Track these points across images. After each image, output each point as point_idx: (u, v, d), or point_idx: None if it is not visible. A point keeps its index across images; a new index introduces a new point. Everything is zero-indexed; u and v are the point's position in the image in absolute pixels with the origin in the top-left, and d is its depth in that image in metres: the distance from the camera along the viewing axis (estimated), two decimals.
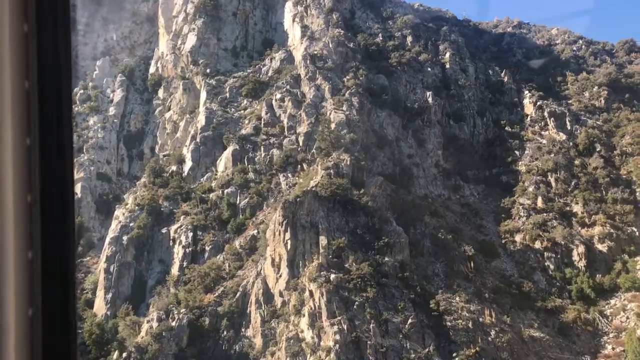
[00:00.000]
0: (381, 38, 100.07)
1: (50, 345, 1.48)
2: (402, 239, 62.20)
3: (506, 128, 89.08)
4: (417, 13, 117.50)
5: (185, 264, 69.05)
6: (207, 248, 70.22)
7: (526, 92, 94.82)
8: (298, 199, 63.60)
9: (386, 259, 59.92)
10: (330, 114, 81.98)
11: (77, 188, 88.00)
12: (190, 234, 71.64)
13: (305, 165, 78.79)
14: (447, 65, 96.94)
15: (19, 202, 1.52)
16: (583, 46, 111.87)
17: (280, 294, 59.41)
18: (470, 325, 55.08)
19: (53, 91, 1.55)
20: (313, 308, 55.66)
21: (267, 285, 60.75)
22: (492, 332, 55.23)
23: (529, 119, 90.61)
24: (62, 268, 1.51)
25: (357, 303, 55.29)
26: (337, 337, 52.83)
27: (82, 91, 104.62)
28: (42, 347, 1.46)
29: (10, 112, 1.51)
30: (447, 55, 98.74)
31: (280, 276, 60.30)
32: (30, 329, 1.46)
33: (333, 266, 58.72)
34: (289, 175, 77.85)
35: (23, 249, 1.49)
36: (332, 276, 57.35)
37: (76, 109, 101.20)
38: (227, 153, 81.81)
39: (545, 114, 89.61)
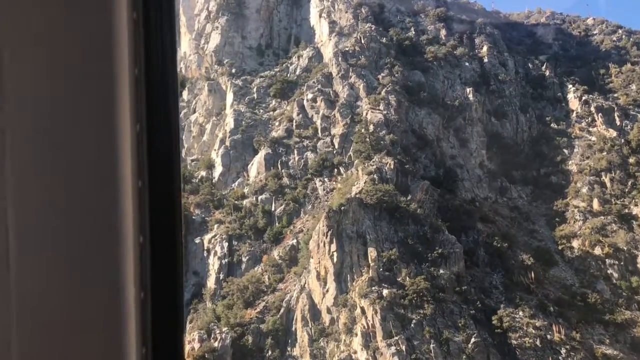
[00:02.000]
0: (414, 32, 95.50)
1: (160, 329, 1.51)
2: (457, 249, 57.92)
3: (551, 125, 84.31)
4: (445, 5, 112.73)
5: (221, 276, 65.20)
6: (244, 259, 66.34)
7: (569, 86, 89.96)
8: (342, 208, 59.42)
9: (441, 271, 55.67)
10: (366, 113, 77.71)
11: None
12: (226, 244, 67.74)
13: (342, 169, 74.63)
14: (485, 60, 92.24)
15: (131, 188, 1.54)
16: (623, 36, 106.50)
17: (328, 311, 55.35)
18: (538, 343, 50.74)
19: (159, 78, 1.56)
20: (366, 327, 51.55)
21: (313, 300, 56.70)
22: (563, 351, 50.86)
23: (574, 114, 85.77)
24: (170, 253, 1.53)
25: (414, 321, 51.11)
26: (395, 358, 48.70)
27: None
28: (151, 330, 1.49)
29: (128, 100, 1.54)
30: (485, 48, 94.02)
31: (327, 291, 56.23)
32: (142, 313, 1.49)
33: (385, 280, 54.56)
34: (326, 179, 73.72)
35: (135, 234, 1.52)
36: (385, 291, 53.20)
37: None
38: (259, 157, 77.82)
39: (592, 109, 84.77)
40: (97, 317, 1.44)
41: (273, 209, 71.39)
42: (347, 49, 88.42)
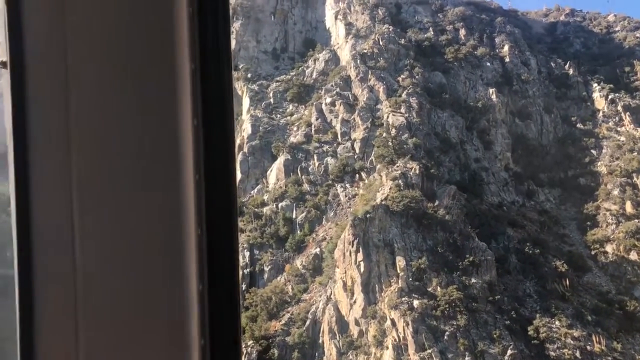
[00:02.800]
0: (432, 32, 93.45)
1: (217, 322, 1.54)
2: (488, 257, 55.82)
3: (577, 125, 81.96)
4: (462, 4, 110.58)
5: (244, 286, 63.40)
6: (266, 269, 64.57)
7: (594, 85, 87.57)
8: (368, 215, 57.50)
9: (473, 280, 53.61)
10: (387, 117, 75.79)
11: None
12: (247, 254, 65.98)
13: (364, 174, 72.72)
14: (507, 59, 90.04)
15: (192, 183, 1.61)
16: None
17: (357, 323, 53.42)
18: (577, 354, 48.53)
19: (214, 72, 1.59)
20: (397, 339, 49.58)
21: (340, 312, 54.81)
22: None
23: (600, 114, 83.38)
24: (227, 245, 1.57)
25: (447, 333, 49.07)
26: None
27: None
28: (209, 323, 1.53)
29: (190, 95, 1.59)
30: (506, 48, 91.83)
31: (355, 302, 54.32)
32: (201, 305, 1.53)
33: (415, 290, 52.58)
34: (347, 185, 71.83)
35: (195, 227, 1.57)
36: (416, 302, 51.21)
37: None
38: (278, 163, 76.07)
39: (619, 108, 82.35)
40: (160, 310, 1.45)
41: (294, 216, 69.62)
42: (365, 51, 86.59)
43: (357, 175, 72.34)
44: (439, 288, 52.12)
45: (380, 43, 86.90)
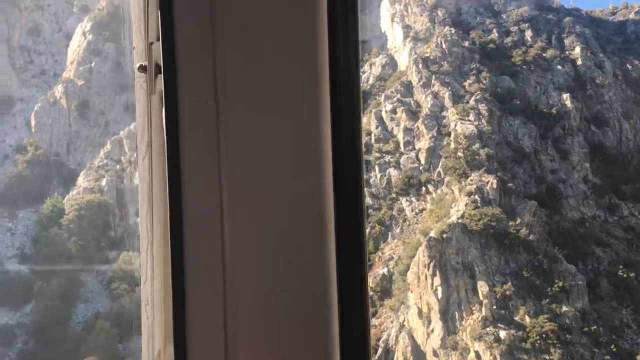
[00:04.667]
0: (497, 34, 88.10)
1: (350, 322, 1.58)
2: (579, 281, 50.64)
3: None
4: (525, 4, 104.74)
5: None
6: None
7: None
8: (444, 235, 52.94)
9: (564, 308, 48.51)
10: (455, 125, 71.04)
11: None
12: None
13: (431, 187, 68.13)
14: (579, 62, 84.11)
15: (329, 184, 1.69)
16: None
17: (435, 353, 48.91)
18: None
19: (345, 78, 1.61)
20: None
21: (415, 341, 50.37)
22: None
23: None
24: (357, 249, 1.60)
25: None
26: None
27: None
28: (345, 323, 1.57)
29: (329, 98, 1.64)
30: (577, 49, 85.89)
31: (432, 331, 49.81)
32: (341, 304, 1.58)
33: (500, 320, 47.79)
34: (413, 199, 67.35)
35: (334, 228, 1.62)
36: (503, 333, 46.44)
37: None
38: None
39: None
40: (306, 309, 1.51)
41: None
42: (427, 54, 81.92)
43: (424, 189, 67.78)
44: (527, 317, 47.25)
45: (443, 46, 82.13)
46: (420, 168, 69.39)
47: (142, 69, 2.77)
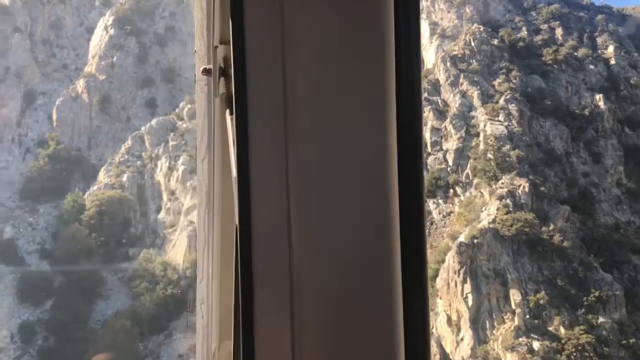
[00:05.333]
0: (526, 32, 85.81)
1: (413, 328, 1.61)
2: (616, 291, 48.69)
3: None
4: (554, 1, 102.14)
5: None
6: None
7: None
8: (475, 240, 51.23)
9: (601, 319, 46.61)
10: (484, 125, 69.11)
11: (195, 216, 79.31)
12: None
13: (459, 189, 66.35)
14: (612, 61, 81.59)
15: (394, 185, 1.69)
16: None
17: None
18: None
19: (407, 75, 1.62)
20: None
21: (444, 349, 48.81)
22: None
23: None
24: (419, 251, 1.63)
25: None
26: None
27: (189, 106, 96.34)
28: (409, 328, 1.60)
29: (394, 96, 1.66)
30: (610, 49, 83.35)
31: (462, 340, 48.20)
32: (406, 308, 1.60)
33: (534, 330, 46.06)
34: (441, 201, 65.60)
35: (398, 229, 1.64)
36: (536, 344, 44.73)
37: (184, 125, 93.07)
38: None
39: None
40: (371, 310, 1.54)
41: None
42: (455, 52, 79.93)
43: (452, 191, 66.01)
44: (562, 328, 45.44)
45: (472, 44, 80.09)
46: (448, 169, 67.64)
47: (206, 72, 2.84)
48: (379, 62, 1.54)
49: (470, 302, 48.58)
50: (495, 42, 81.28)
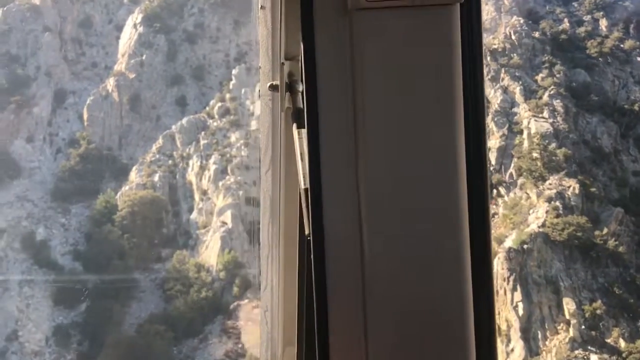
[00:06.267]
0: (568, 24, 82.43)
1: (482, 332, 1.63)
2: None
3: None
4: None
5: None
6: None
7: None
8: (525, 246, 48.76)
9: None
10: (528, 122, 66.31)
11: (227, 216, 77.87)
12: None
13: (502, 190, 63.70)
14: None
15: (463, 186, 1.74)
16: None
17: None
18: None
19: (471, 71, 1.63)
20: None
21: None
22: None
23: None
24: (485, 252, 1.64)
25: None
26: None
27: (219, 104, 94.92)
28: (481, 328, 1.61)
29: (462, 96, 1.67)
30: None
31: (512, 350, 45.90)
32: (476, 308, 1.62)
33: (590, 342, 43.55)
34: None
35: (468, 230, 1.67)
36: (595, 358, 42.23)
37: (215, 123, 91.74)
38: None
39: None
40: (444, 313, 1.55)
41: None
42: (494, 46, 77.01)
43: (495, 191, 63.40)
44: (621, 340, 42.84)
45: (512, 37, 77.11)
46: (491, 169, 65.02)
47: (273, 88, 2.92)
48: (448, 70, 1.51)
49: (520, 311, 46.23)
50: (537, 34, 78.20)
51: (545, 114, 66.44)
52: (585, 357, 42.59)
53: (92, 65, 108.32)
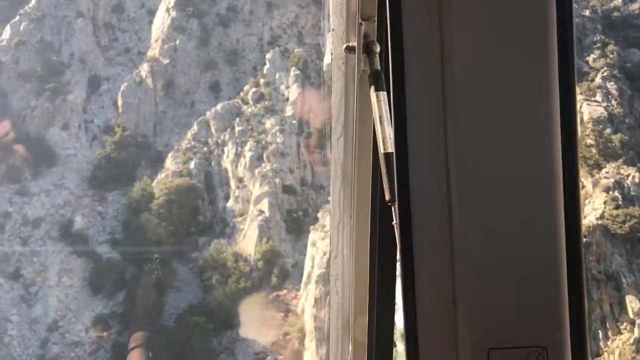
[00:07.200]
0: (620, 1, 78.28)
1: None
2: None
3: None
4: None
5: None
6: None
7: None
8: (583, 239, 46.02)
9: None
10: (580, 107, 62.97)
11: (264, 205, 76.49)
12: None
13: None
14: None
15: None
16: None
17: None
18: None
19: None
20: None
21: None
22: None
23: None
24: (575, 221, 1.60)
25: None
26: None
27: (254, 89, 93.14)
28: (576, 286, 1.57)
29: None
30: None
31: None
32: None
33: None
34: None
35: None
36: None
37: (249, 109, 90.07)
38: None
39: None
40: (535, 267, 1.52)
41: None
42: None
43: None
44: None
45: None
46: None
47: (349, 49, 2.85)
48: (540, 34, 1.45)
49: None
50: (587, 12, 74.33)
51: (599, 97, 63.04)
52: None
53: (125, 50, 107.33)
